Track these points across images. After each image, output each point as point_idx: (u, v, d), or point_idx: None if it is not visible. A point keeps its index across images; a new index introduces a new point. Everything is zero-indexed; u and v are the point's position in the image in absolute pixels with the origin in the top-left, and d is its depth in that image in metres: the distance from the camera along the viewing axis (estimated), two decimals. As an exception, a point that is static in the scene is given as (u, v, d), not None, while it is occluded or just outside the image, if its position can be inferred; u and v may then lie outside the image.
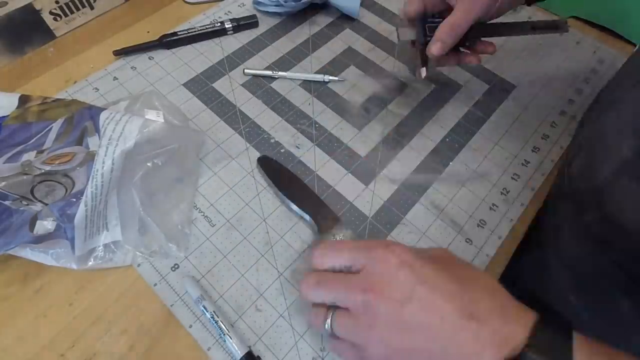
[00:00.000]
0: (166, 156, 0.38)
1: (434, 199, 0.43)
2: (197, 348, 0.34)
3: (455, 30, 0.38)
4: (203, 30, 0.53)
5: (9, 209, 0.35)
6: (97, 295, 0.36)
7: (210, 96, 0.49)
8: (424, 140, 0.47)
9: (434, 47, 0.39)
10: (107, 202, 0.36)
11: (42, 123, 0.39)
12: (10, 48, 0.50)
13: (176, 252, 0.37)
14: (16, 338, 0.34)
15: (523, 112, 0.50)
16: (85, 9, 0.54)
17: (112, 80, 0.49)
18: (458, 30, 0.38)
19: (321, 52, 0.54)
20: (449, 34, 0.38)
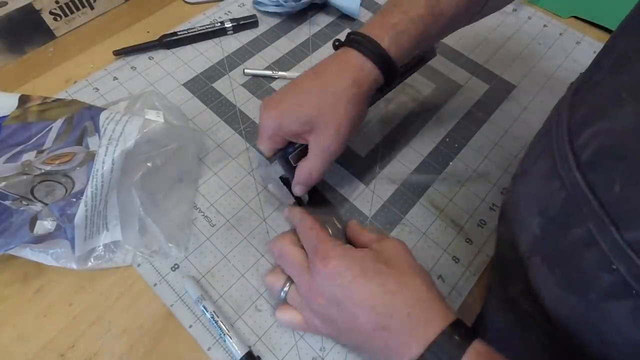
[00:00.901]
0: (166, 156, 0.38)
1: (434, 199, 0.43)
2: (197, 348, 0.34)
3: (314, 177, 0.35)
4: (203, 30, 0.53)
5: (9, 209, 0.35)
6: (97, 295, 0.36)
7: (210, 96, 0.49)
8: (424, 140, 0.47)
9: (297, 189, 0.37)
10: (107, 202, 0.36)
11: (42, 123, 0.39)
12: (10, 48, 0.50)
13: (176, 252, 0.37)
14: (16, 338, 0.34)
15: (523, 112, 0.50)
16: (85, 9, 0.54)
17: (112, 80, 0.49)
18: (317, 177, 0.35)
19: (321, 52, 0.54)
20: (308, 180, 0.36)
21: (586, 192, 0.20)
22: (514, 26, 0.58)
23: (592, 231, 0.20)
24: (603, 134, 0.20)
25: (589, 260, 0.21)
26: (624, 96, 0.19)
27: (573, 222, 0.22)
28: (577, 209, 0.21)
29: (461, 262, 0.39)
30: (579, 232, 0.21)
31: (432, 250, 0.40)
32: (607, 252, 0.19)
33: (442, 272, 0.38)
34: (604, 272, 0.20)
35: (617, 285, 0.19)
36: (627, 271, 0.19)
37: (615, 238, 0.19)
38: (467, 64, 0.54)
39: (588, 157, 0.21)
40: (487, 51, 0.55)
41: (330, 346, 0.34)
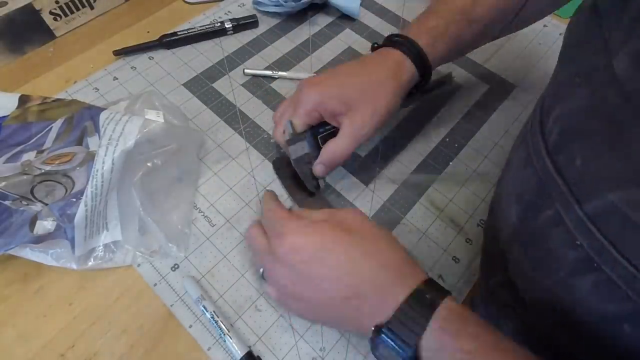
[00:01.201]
0: (166, 156, 0.38)
1: (434, 199, 0.43)
2: (197, 348, 0.34)
3: (337, 157, 0.37)
4: (203, 30, 0.53)
5: (9, 209, 0.35)
6: (97, 295, 0.36)
7: (210, 96, 0.49)
8: (424, 140, 0.47)
9: (318, 169, 0.38)
10: (107, 202, 0.36)
11: (42, 123, 0.39)
12: (10, 48, 0.50)
13: (176, 252, 0.37)
14: (16, 338, 0.34)
15: (523, 112, 0.50)
16: (85, 9, 0.54)
17: (112, 80, 0.49)
18: (341, 158, 0.37)
19: (321, 52, 0.54)
20: (332, 160, 0.37)
21: (554, 175, 0.22)
22: (514, 26, 0.58)
23: (560, 211, 0.22)
24: (563, 117, 0.22)
25: (556, 240, 0.23)
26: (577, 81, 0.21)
27: (544, 205, 0.23)
28: (547, 193, 0.23)
29: (461, 262, 0.39)
30: (549, 213, 0.23)
31: (432, 250, 0.40)
32: (572, 229, 0.21)
33: (442, 272, 0.38)
34: (570, 249, 0.22)
35: (581, 260, 0.21)
36: (589, 245, 0.20)
37: (578, 215, 0.20)
38: (467, 64, 0.54)
39: (554, 140, 0.22)
40: (487, 51, 0.55)
41: (330, 346, 0.34)
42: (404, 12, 0.59)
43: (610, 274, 0.20)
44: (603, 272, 0.20)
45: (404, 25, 0.57)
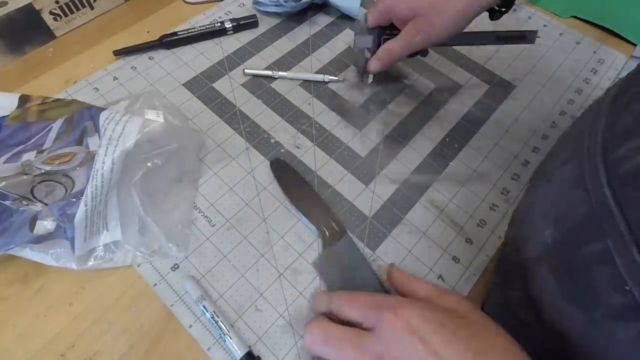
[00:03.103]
0: (166, 156, 0.38)
1: (434, 199, 0.43)
2: (197, 348, 0.34)
3: (392, 55, 0.42)
4: (203, 30, 0.53)
5: (9, 209, 0.35)
6: (97, 295, 0.36)
7: (210, 96, 0.49)
8: (424, 140, 0.47)
9: (372, 64, 0.43)
10: (107, 202, 0.36)
11: (42, 123, 0.39)
12: (10, 48, 0.50)
13: (176, 252, 0.37)
14: (16, 338, 0.34)
15: (523, 112, 0.50)
16: (85, 9, 0.54)
17: (112, 80, 0.49)
18: (394, 57, 0.42)
19: (321, 52, 0.54)
20: (386, 57, 0.42)
21: (612, 209, 0.19)
22: (514, 26, 0.58)
23: (610, 249, 0.19)
24: None
25: (600, 278, 0.20)
26: None
27: (590, 237, 0.21)
28: (597, 225, 0.20)
29: (461, 262, 0.39)
30: (595, 247, 0.20)
31: (432, 250, 0.40)
32: (622, 272, 0.19)
33: (442, 272, 0.38)
34: (615, 293, 0.19)
35: (627, 307, 0.19)
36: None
37: (634, 259, 0.18)
38: (467, 64, 0.54)
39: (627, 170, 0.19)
40: (487, 51, 0.55)
41: (330, 346, 0.34)
42: (404, 12, 0.59)
43: None
44: None
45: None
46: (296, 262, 0.38)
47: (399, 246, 0.40)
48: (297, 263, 0.38)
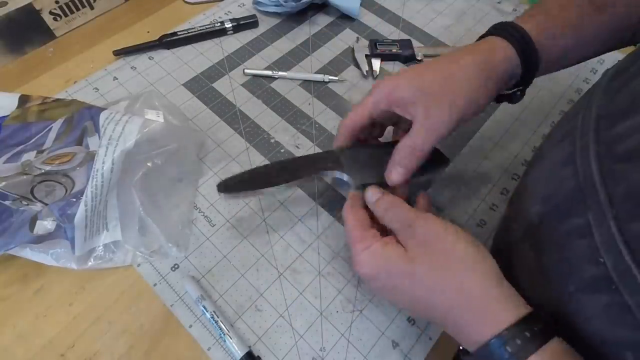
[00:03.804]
0: (166, 156, 0.38)
1: (434, 199, 0.43)
2: (197, 348, 0.34)
3: (417, 153, 0.31)
4: (203, 30, 0.53)
5: (9, 209, 0.35)
6: (97, 295, 0.36)
7: (210, 96, 0.49)
8: (424, 140, 0.47)
9: (395, 174, 0.32)
10: (107, 202, 0.36)
11: (42, 123, 0.39)
12: (10, 48, 0.50)
13: (176, 252, 0.37)
14: (16, 338, 0.34)
15: (523, 112, 0.50)
16: (85, 9, 0.54)
17: (112, 80, 0.49)
18: (421, 155, 0.31)
19: (321, 52, 0.54)
20: (411, 159, 0.31)
21: (597, 184, 0.20)
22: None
23: (590, 222, 0.20)
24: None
25: (577, 251, 0.21)
26: None
27: (574, 212, 0.22)
28: (581, 200, 0.21)
29: (461, 262, 0.39)
30: (577, 222, 0.21)
31: (432, 250, 0.39)
32: (598, 244, 0.20)
33: (442, 272, 0.38)
34: (590, 264, 0.20)
35: (598, 278, 0.20)
36: (613, 265, 0.19)
37: (611, 231, 0.19)
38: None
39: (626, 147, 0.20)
40: (487, 51, 0.55)
41: (330, 346, 0.34)
42: (404, 12, 0.59)
43: (628, 299, 0.19)
44: (620, 296, 0.19)
45: (404, 25, 0.57)
46: (296, 262, 0.38)
47: (399, 246, 0.39)
48: (297, 263, 0.38)
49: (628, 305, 0.19)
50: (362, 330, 0.35)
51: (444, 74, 0.31)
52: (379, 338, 0.35)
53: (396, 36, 0.55)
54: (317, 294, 0.37)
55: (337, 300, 0.37)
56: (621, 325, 0.20)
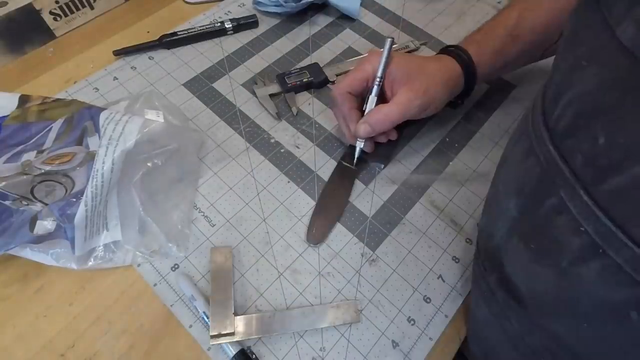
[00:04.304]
0: (166, 156, 0.38)
1: (434, 199, 0.43)
2: (197, 348, 0.34)
3: (386, 122, 0.39)
4: (203, 30, 0.53)
5: (9, 209, 0.35)
6: (97, 295, 0.36)
7: (210, 96, 0.49)
8: (424, 140, 0.47)
9: (362, 129, 0.39)
10: (107, 202, 0.36)
11: (42, 123, 0.39)
12: (10, 48, 0.50)
13: (176, 252, 0.37)
14: (16, 338, 0.34)
15: (523, 112, 0.50)
16: (85, 9, 0.54)
17: (112, 80, 0.49)
18: (388, 124, 0.39)
19: (321, 52, 0.54)
20: (379, 124, 0.39)
21: (559, 162, 0.22)
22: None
23: (564, 198, 0.22)
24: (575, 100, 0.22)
25: (560, 228, 0.23)
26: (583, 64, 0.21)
27: (546, 193, 0.24)
28: (550, 181, 0.23)
29: (461, 262, 0.39)
30: (552, 201, 0.23)
31: (432, 250, 0.40)
32: (576, 215, 0.21)
33: (442, 272, 0.38)
34: (574, 236, 0.22)
35: (586, 247, 0.21)
36: (594, 230, 0.20)
37: (584, 200, 0.20)
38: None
39: (565, 124, 0.23)
40: (487, 51, 0.55)
41: (330, 346, 0.34)
42: (404, 12, 0.59)
43: (617, 258, 0.20)
44: (609, 258, 0.20)
45: (404, 25, 0.57)
46: (296, 262, 0.38)
47: (399, 246, 0.40)
48: (297, 263, 0.38)
49: (619, 265, 0.20)
50: (362, 330, 0.35)
51: (425, 66, 0.40)
52: (379, 338, 0.35)
53: (397, 36, 0.55)
54: (317, 294, 0.37)
55: (337, 300, 0.37)
56: (619, 287, 0.21)
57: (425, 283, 0.38)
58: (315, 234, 0.39)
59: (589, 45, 0.22)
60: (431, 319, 0.36)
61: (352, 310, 0.35)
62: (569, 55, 0.24)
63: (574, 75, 0.23)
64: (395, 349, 0.35)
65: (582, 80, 0.22)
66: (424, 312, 0.36)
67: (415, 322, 0.36)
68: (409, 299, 0.37)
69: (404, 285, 0.38)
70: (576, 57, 0.23)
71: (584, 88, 0.21)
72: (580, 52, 0.22)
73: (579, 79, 0.22)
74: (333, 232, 0.40)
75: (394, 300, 0.37)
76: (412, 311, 0.36)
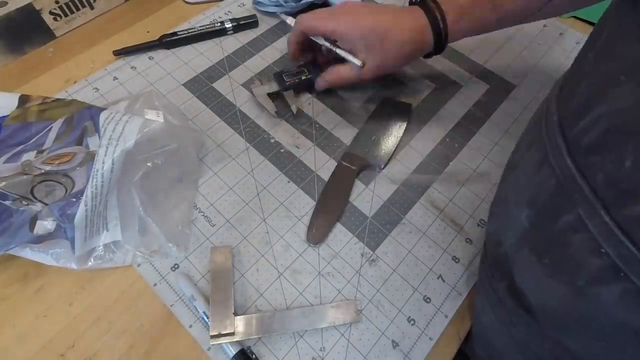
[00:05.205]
0: (166, 156, 0.38)
1: (434, 199, 0.43)
2: (197, 348, 0.34)
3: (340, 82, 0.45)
4: (203, 30, 0.53)
5: (9, 209, 0.35)
6: (97, 295, 0.36)
7: (210, 96, 0.49)
8: (424, 140, 0.47)
9: (322, 82, 0.46)
10: (107, 202, 0.36)
11: (42, 123, 0.39)
12: (10, 48, 0.50)
13: (176, 252, 0.37)
14: (16, 338, 0.34)
15: (523, 112, 0.50)
16: (85, 9, 0.54)
17: (112, 80, 0.49)
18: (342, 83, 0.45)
19: (321, 52, 0.54)
20: (336, 82, 0.45)
21: (577, 178, 0.21)
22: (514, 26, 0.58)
23: (582, 216, 0.21)
24: (608, 116, 0.20)
25: (577, 246, 0.21)
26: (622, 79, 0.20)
27: (562, 209, 0.22)
28: (566, 196, 0.22)
29: (461, 262, 0.39)
30: (568, 218, 0.22)
31: (432, 250, 0.40)
32: (596, 235, 0.20)
33: (442, 272, 0.38)
34: (593, 257, 0.20)
35: (605, 269, 0.20)
36: (616, 254, 0.19)
37: (605, 221, 0.19)
38: (467, 64, 0.54)
39: (591, 140, 0.21)
40: (487, 51, 0.55)
41: (330, 346, 0.34)
42: (404, 12, 0.59)
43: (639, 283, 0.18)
44: (631, 282, 0.19)
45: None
46: (296, 262, 0.38)
47: (399, 246, 0.40)
48: (297, 263, 0.38)
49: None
50: (362, 330, 0.35)
51: (385, 37, 0.40)
52: (379, 338, 0.35)
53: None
54: (317, 294, 0.37)
55: (337, 300, 0.37)
56: None
57: (425, 283, 0.38)
58: (315, 234, 0.39)
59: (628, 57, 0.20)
60: (431, 319, 0.36)
61: (352, 310, 0.35)
62: (602, 66, 0.22)
63: (609, 90, 0.21)
64: (395, 349, 0.35)
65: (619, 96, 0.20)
66: (424, 312, 0.36)
67: (415, 322, 0.36)
68: (409, 299, 0.37)
69: (404, 285, 0.38)
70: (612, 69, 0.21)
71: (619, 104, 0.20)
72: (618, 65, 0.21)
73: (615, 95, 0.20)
74: (333, 232, 0.40)
75: (394, 300, 0.37)
76: (412, 311, 0.36)
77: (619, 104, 0.20)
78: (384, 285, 0.37)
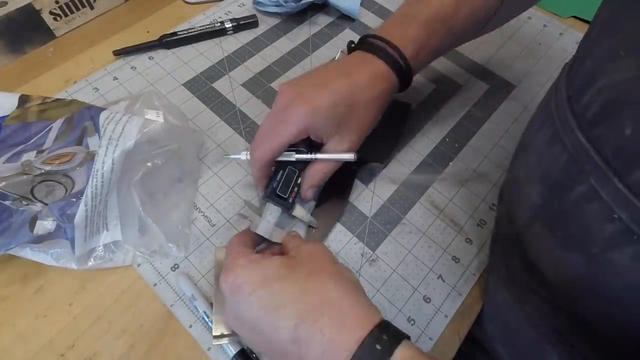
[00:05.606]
0: (166, 156, 0.38)
1: (434, 199, 0.43)
2: (197, 348, 0.34)
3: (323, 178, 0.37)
4: (203, 30, 0.53)
5: (9, 209, 0.35)
6: (97, 295, 0.36)
7: (210, 96, 0.49)
8: (424, 140, 0.47)
9: (310, 192, 0.37)
10: (107, 202, 0.36)
11: (42, 123, 0.39)
12: (10, 48, 0.50)
13: (176, 252, 0.37)
14: (16, 338, 0.34)
15: (523, 112, 0.50)
16: (85, 9, 0.54)
17: (112, 80, 0.49)
18: (326, 176, 0.37)
19: (321, 52, 0.54)
20: (323, 179, 0.37)
21: (588, 149, 0.22)
22: (514, 26, 0.58)
23: (594, 185, 0.22)
24: (607, 89, 0.21)
25: (591, 215, 0.22)
26: (621, 54, 0.21)
27: (575, 181, 0.23)
28: (578, 168, 0.23)
29: (461, 262, 0.39)
30: (581, 189, 0.23)
31: (432, 250, 0.40)
32: (609, 202, 0.21)
33: (442, 272, 0.38)
34: (607, 223, 0.21)
35: (619, 233, 0.21)
36: (629, 217, 0.20)
37: (617, 187, 0.20)
38: (467, 64, 0.54)
39: (594, 112, 0.22)
40: (487, 51, 0.55)
41: (330, 346, 0.34)
42: (404, 12, 0.59)
43: None
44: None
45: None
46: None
47: (399, 246, 0.40)
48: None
49: None
50: (362, 330, 0.35)
51: (351, 108, 0.34)
52: (379, 338, 0.35)
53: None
54: (317, 294, 0.37)
55: (337, 300, 0.37)
56: None
57: (425, 283, 0.38)
58: (315, 234, 0.39)
59: (628, 33, 0.21)
60: (431, 319, 0.36)
61: None
62: (604, 42, 0.23)
63: (609, 64, 0.22)
64: (395, 349, 0.35)
65: (617, 70, 0.21)
66: (424, 312, 0.36)
67: (415, 322, 0.36)
68: (409, 299, 0.37)
69: (404, 285, 0.38)
70: (613, 45, 0.22)
71: (617, 78, 0.21)
72: (618, 40, 0.22)
73: (614, 69, 0.21)
74: (333, 232, 0.40)
75: (394, 300, 0.37)
76: (412, 311, 0.36)
77: (617, 77, 0.21)
78: (384, 285, 0.37)
